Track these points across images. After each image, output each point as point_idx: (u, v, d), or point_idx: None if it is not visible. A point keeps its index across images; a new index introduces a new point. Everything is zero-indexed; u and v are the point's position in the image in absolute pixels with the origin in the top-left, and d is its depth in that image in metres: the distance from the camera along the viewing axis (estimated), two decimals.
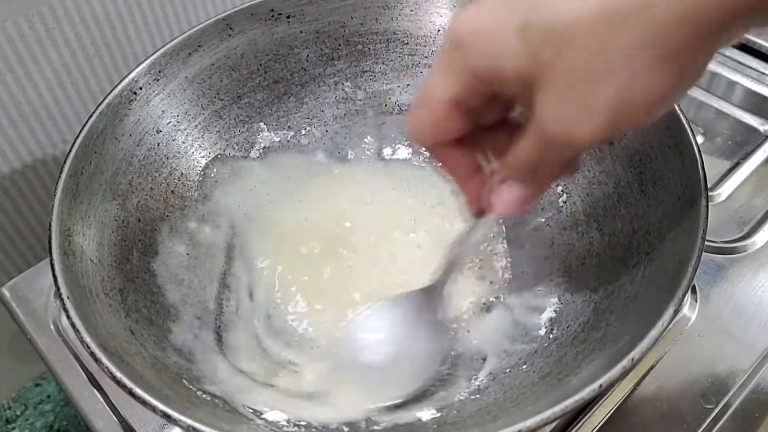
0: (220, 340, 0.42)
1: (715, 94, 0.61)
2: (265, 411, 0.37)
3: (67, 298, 0.34)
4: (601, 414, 0.42)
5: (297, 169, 0.50)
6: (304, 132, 0.51)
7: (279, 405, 0.38)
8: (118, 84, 0.43)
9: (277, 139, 0.51)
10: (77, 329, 0.33)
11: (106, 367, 0.32)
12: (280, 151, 0.51)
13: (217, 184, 0.48)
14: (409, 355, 0.40)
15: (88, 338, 0.33)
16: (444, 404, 0.39)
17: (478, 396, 0.39)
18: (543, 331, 0.41)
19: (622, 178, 0.43)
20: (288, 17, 0.49)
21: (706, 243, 0.41)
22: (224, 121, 0.49)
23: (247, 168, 0.49)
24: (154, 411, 0.31)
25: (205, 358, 0.40)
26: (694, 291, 0.48)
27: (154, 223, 0.44)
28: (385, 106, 0.52)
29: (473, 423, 0.36)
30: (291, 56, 0.50)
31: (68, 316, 0.33)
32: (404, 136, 0.52)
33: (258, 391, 0.39)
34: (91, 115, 0.42)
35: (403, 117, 0.52)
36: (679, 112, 0.40)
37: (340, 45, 0.51)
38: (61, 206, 0.38)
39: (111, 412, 0.43)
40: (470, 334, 0.43)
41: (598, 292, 0.41)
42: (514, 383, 0.38)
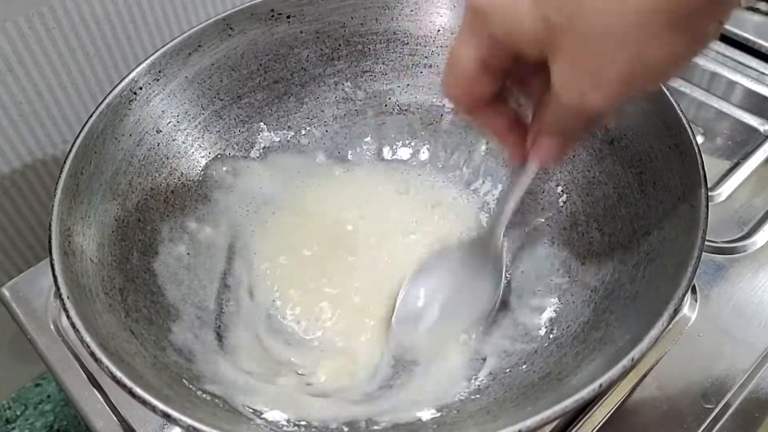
0: (220, 340, 0.42)
1: (715, 94, 0.61)
2: (265, 411, 0.37)
3: (67, 297, 0.34)
4: (601, 414, 0.42)
5: (297, 170, 0.50)
6: (304, 132, 0.51)
7: (279, 404, 0.38)
8: (118, 84, 0.43)
9: (277, 139, 0.51)
10: (77, 329, 0.33)
11: (106, 367, 0.32)
12: (280, 151, 0.51)
13: (217, 184, 0.48)
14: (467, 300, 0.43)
15: (88, 338, 0.33)
16: (444, 404, 0.39)
17: (478, 396, 0.39)
18: (543, 331, 0.41)
19: (622, 178, 0.43)
20: (288, 17, 0.49)
21: (706, 243, 0.41)
22: (224, 121, 0.49)
23: (247, 168, 0.49)
24: (154, 411, 0.31)
25: (205, 357, 0.40)
26: (694, 291, 0.47)
27: (154, 223, 0.44)
28: (385, 106, 0.52)
29: (473, 423, 0.36)
30: (291, 56, 0.50)
31: (68, 316, 0.33)
32: (405, 135, 0.52)
33: (258, 391, 0.39)
34: (91, 115, 0.42)
35: (403, 117, 0.52)
36: (679, 112, 0.40)
37: (340, 45, 0.51)
38: (61, 206, 0.38)
39: (111, 412, 0.43)
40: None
41: (598, 292, 0.41)
42: (514, 383, 0.38)
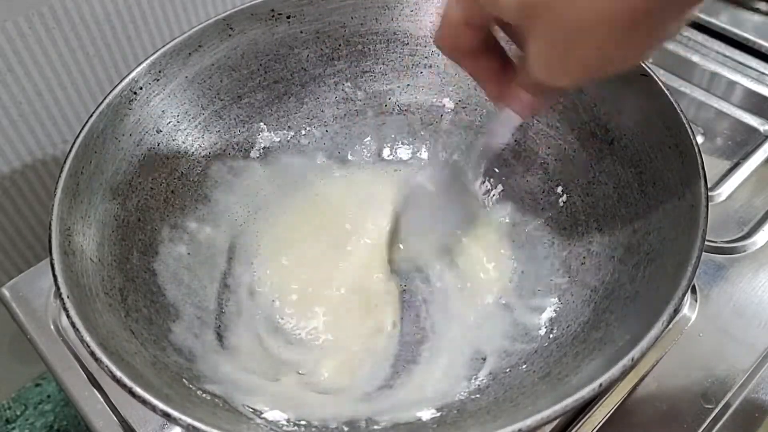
0: (220, 340, 0.42)
1: (715, 94, 0.61)
2: (265, 410, 0.37)
3: (67, 297, 0.34)
4: (601, 414, 0.42)
5: (297, 170, 0.50)
6: (304, 132, 0.51)
7: (279, 404, 0.38)
8: (119, 84, 0.43)
9: (277, 140, 0.51)
10: (77, 328, 0.33)
11: (106, 366, 0.32)
12: (280, 152, 0.51)
13: (217, 185, 0.48)
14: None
15: (87, 337, 0.33)
16: (444, 404, 0.39)
17: (478, 396, 0.39)
18: (543, 331, 0.41)
19: (622, 178, 0.43)
20: (288, 17, 0.49)
21: (706, 243, 0.41)
22: (224, 121, 0.49)
23: (247, 168, 0.49)
24: (154, 410, 0.31)
25: (206, 357, 0.40)
26: (694, 291, 0.47)
27: (154, 223, 0.44)
28: (385, 106, 0.52)
29: (473, 423, 0.36)
30: (291, 56, 0.50)
31: (68, 316, 0.33)
32: (405, 135, 0.52)
33: (258, 391, 0.39)
34: (92, 115, 0.42)
35: (403, 117, 0.52)
36: (679, 112, 0.40)
37: (340, 45, 0.51)
38: (61, 205, 0.38)
39: (111, 412, 0.43)
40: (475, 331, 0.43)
41: (598, 292, 0.41)
42: (514, 383, 0.38)
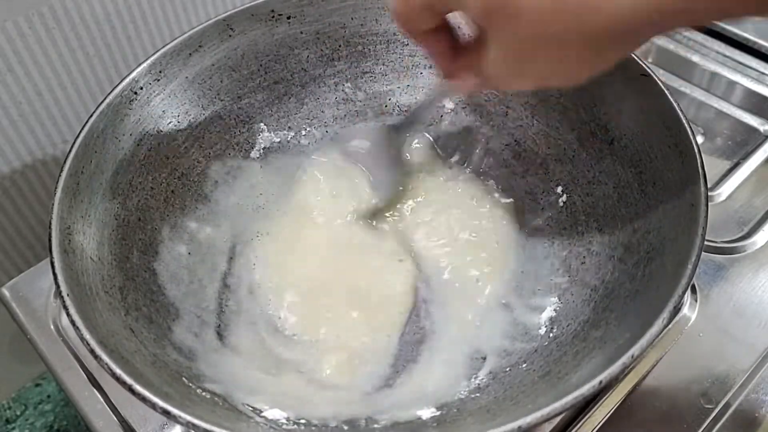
0: (220, 339, 0.42)
1: (715, 94, 0.61)
2: (265, 409, 0.37)
3: (67, 295, 0.34)
4: (601, 413, 0.42)
5: (297, 170, 0.50)
6: (304, 133, 0.51)
7: (279, 403, 0.38)
8: (119, 84, 0.43)
9: (277, 140, 0.51)
10: (77, 327, 0.33)
11: (106, 364, 0.32)
12: (280, 152, 0.51)
13: (218, 185, 0.48)
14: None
15: (87, 336, 0.33)
16: (444, 403, 0.39)
17: (478, 395, 0.39)
18: (543, 330, 0.41)
19: (622, 178, 0.43)
20: (288, 18, 0.49)
21: (706, 243, 0.42)
22: (224, 121, 0.49)
23: (247, 168, 0.49)
24: (154, 408, 0.31)
25: (206, 356, 0.40)
26: (694, 291, 0.47)
27: (155, 223, 0.44)
28: (385, 107, 0.52)
29: (473, 421, 0.36)
30: (291, 57, 0.50)
31: (68, 314, 0.34)
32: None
33: (258, 390, 0.39)
34: (92, 115, 0.42)
35: (403, 118, 0.52)
36: (679, 112, 0.40)
37: (340, 46, 0.51)
38: (62, 204, 0.38)
39: (111, 412, 0.43)
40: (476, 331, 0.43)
41: (598, 291, 0.41)
42: (514, 382, 0.38)
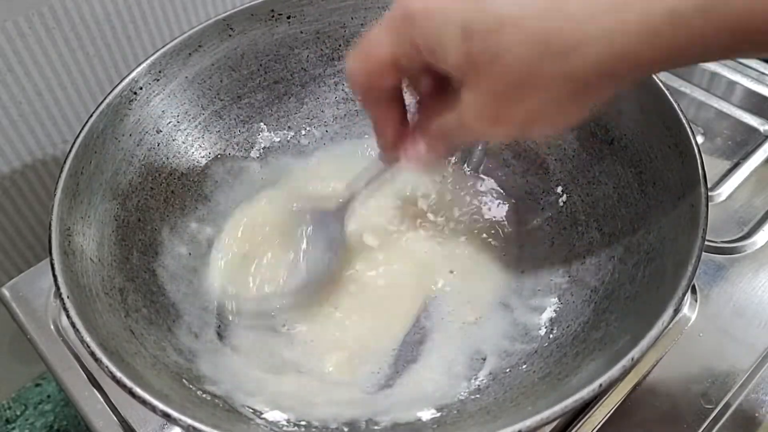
0: (220, 341, 0.42)
1: (715, 94, 0.61)
2: (266, 411, 0.37)
3: (67, 297, 0.34)
4: (601, 414, 0.42)
5: (297, 170, 0.50)
6: (304, 132, 0.51)
7: (279, 404, 0.38)
8: (119, 84, 0.43)
9: (277, 140, 0.51)
10: (77, 329, 0.33)
11: (106, 367, 0.32)
12: (280, 152, 0.51)
13: (218, 185, 0.48)
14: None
15: (88, 338, 0.33)
16: (444, 404, 0.39)
17: (478, 396, 0.39)
18: (543, 331, 0.41)
19: (622, 178, 0.43)
20: (288, 18, 0.49)
21: (706, 243, 0.41)
22: (224, 122, 0.49)
23: (247, 168, 0.49)
24: (154, 411, 0.31)
25: (206, 358, 0.40)
26: (694, 291, 0.47)
27: (155, 223, 0.44)
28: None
29: (473, 423, 0.36)
30: (291, 57, 0.50)
31: (68, 316, 0.33)
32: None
33: (258, 391, 0.39)
34: (92, 115, 0.42)
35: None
36: (679, 112, 0.40)
37: (340, 45, 0.51)
38: (61, 206, 0.38)
39: (111, 412, 0.43)
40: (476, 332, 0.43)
41: (598, 292, 0.41)
42: (514, 383, 0.38)
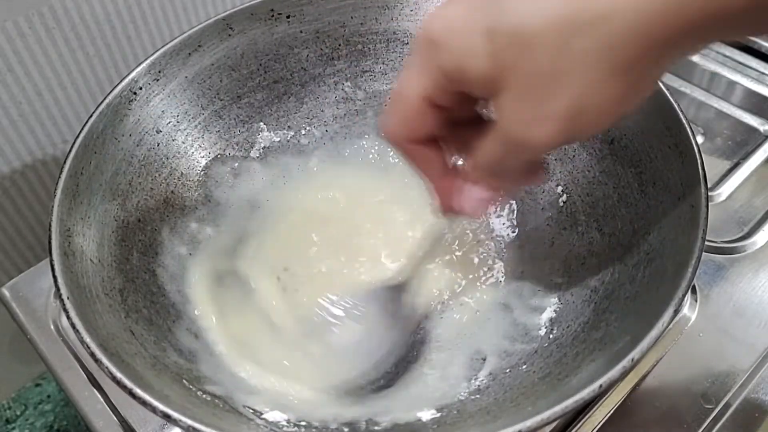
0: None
1: (715, 94, 0.61)
2: (266, 411, 0.37)
3: (67, 298, 0.34)
4: (601, 414, 0.42)
5: (297, 170, 0.50)
6: (304, 132, 0.51)
7: (280, 405, 0.38)
8: (118, 84, 0.43)
9: (277, 139, 0.51)
10: (77, 329, 0.33)
11: (106, 368, 0.32)
12: (280, 152, 0.51)
13: (217, 185, 0.48)
14: (375, 343, 0.42)
15: (88, 338, 0.33)
16: (444, 404, 0.39)
17: (478, 396, 0.39)
18: (543, 331, 0.41)
19: (622, 178, 0.43)
20: (288, 17, 0.49)
21: (706, 243, 0.41)
22: (224, 121, 0.49)
23: (247, 168, 0.49)
24: (154, 411, 0.31)
25: (206, 358, 0.40)
26: (694, 291, 0.48)
27: (155, 224, 0.44)
28: (385, 106, 0.52)
29: (473, 423, 0.36)
30: (291, 56, 0.50)
31: (68, 317, 0.33)
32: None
33: (259, 391, 0.39)
34: (91, 115, 0.42)
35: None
36: (679, 112, 0.40)
37: (340, 45, 0.51)
38: (61, 206, 0.38)
39: (111, 412, 0.43)
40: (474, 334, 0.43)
41: (598, 292, 0.41)
42: (514, 383, 0.38)
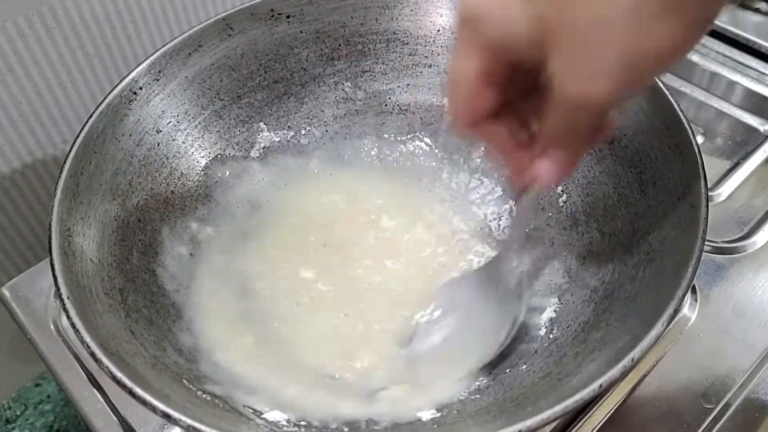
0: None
1: (715, 94, 0.61)
2: (266, 411, 0.37)
3: (67, 298, 0.34)
4: (601, 414, 0.42)
5: (297, 170, 0.50)
6: (304, 132, 0.51)
7: (280, 404, 0.38)
8: (118, 84, 0.43)
9: (277, 139, 0.51)
10: (77, 329, 0.33)
11: (106, 367, 0.32)
12: (280, 152, 0.51)
13: (218, 185, 0.48)
14: (479, 329, 0.41)
15: (88, 338, 0.33)
16: (444, 404, 0.39)
17: (478, 396, 0.39)
18: (543, 331, 0.41)
19: (622, 178, 0.43)
20: (288, 17, 0.49)
21: (706, 243, 0.42)
22: (224, 121, 0.49)
23: (247, 168, 0.49)
24: (154, 411, 0.31)
25: (206, 358, 0.40)
26: (694, 291, 0.47)
27: (155, 224, 0.44)
28: (385, 106, 0.52)
29: (473, 423, 0.36)
30: (291, 56, 0.50)
31: (68, 317, 0.33)
32: (405, 133, 0.52)
33: (259, 391, 0.39)
34: (91, 115, 0.42)
35: (403, 117, 0.52)
36: (679, 112, 0.40)
37: (340, 45, 0.51)
38: (61, 206, 0.38)
39: (111, 412, 0.43)
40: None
41: (598, 292, 0.41)
42: (514, 383, 0.38)
